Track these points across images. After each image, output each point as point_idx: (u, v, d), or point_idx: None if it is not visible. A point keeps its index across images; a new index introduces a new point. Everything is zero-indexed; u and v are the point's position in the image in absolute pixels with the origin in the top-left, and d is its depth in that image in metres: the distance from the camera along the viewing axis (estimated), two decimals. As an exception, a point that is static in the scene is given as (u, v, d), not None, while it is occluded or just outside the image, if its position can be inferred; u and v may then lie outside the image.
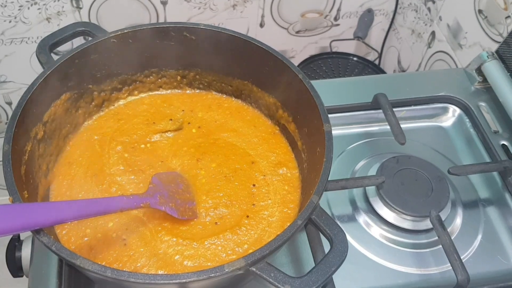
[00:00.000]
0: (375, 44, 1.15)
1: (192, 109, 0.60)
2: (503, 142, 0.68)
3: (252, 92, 0.59)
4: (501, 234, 0.59)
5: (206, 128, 0.58)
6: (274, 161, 0.55)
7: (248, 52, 0.54)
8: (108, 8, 0.94)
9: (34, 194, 0.47)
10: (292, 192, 0.53)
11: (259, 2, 1.01)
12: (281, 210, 0.51)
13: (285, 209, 0.51)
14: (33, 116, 0.48)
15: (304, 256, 0.56)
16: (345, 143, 0.67)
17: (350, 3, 1.07)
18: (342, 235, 0.42)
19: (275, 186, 0.53)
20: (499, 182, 0.65)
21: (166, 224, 0.48)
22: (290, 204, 0.52)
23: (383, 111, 0.65)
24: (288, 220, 0.50)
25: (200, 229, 0.49)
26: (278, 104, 0.57)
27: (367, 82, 0.76)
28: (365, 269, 0.56)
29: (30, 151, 0.47)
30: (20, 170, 0.45)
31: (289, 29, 1.10)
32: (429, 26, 0.95)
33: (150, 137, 0.56)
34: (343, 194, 0.61)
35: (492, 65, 0.71)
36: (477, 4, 0.78)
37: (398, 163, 0.61)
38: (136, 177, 0.52)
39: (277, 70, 0.53)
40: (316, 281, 0.39)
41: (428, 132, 0.71)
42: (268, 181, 0.53)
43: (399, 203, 0.57)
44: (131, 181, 0.52)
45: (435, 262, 0.56)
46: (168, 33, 0.55)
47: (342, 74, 1.05)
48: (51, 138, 0.51)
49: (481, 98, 0.73)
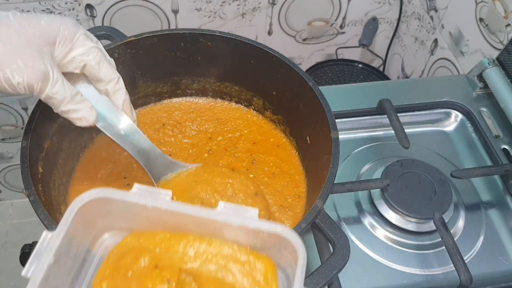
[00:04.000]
0: (380, 52, 1.16)
1: (202, 124, 0.60)
2: (504, 146, 0.69)
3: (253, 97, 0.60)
4: (502, 236, 0.60)
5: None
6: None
7: (259, 60, 0.55)
8: (121, 17, 0.96)
9: (49, 189, 0.47)
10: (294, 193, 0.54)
11: (267, 10, 1.02)
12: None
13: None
14: (52, 114, 0.48)
15: (310, 257, 0.56)
16: (350, 147, 0.68)
17: (355, 11, 1.08)
18: (345, 240, 0.43)
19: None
20: (500, 185, 0.65)
21: None
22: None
23: (387, 116, 0.66)
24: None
25: None
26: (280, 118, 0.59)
27: (372, 88, 0.77)
28: (370, 270, 0.56)
29: (48, 148, 0.48)
30: (38, 166, 0.46)
31: (296, 37, 1.11)
32: (431, 34, 0.95)
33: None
34: (349, 196, 0.62)
35: (493, 71, 0.72)
36: (478, 13, 0.79)
37: (402, 167, 0.61)
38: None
39: (288, 78, 0.54)
40: (317, 284, 0.40)
41: (431, 136, 0.71)
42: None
43: (403, 205, 0.58)
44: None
45: (439, 263, 0.57)
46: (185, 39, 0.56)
47: (348, 80, 1.06)
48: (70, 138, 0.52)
49: (482, 103, 0.73)
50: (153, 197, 0.38)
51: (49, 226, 0.40)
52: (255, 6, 1.01)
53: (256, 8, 1.01)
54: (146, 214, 0.39)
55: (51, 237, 0.35)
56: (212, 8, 0.99)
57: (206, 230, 0.40)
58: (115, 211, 0.39)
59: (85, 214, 0.37)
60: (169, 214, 0.39)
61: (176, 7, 0.97)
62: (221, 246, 0.40)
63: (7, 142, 1.20)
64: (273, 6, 1.02)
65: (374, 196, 0.61)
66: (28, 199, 0.42)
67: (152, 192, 0.39)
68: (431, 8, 0.95)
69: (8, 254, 1.31)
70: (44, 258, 0.34)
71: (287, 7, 1.03)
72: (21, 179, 0.42)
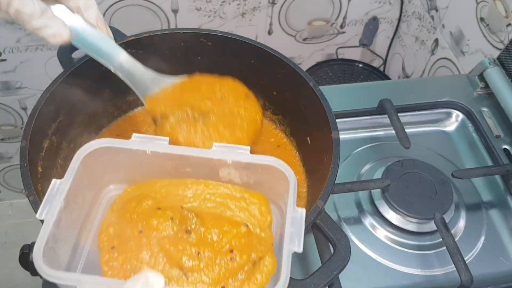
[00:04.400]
0: (380, 51, 1.16)
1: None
2: (505, 146, 0.68)
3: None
4: (503, 236, 0.60)
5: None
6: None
7: (259, 60, 0.55)
8: (120, 16, 0.96)
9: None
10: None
11: (267, 10, 1.02)
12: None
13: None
14: (51, 114, 0.49)
15: (311, 257, 0.56)
16: (351, 147, 0.68)
17: (356, 11, 1.08)
18: (346, 240, 0.43)
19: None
20: (501, 185, 0.65)
21: None
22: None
23: (388, 116, 0.66)
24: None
25: None
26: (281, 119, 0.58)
27: (373, 88, 0.77)
28: (371, 270, 0.56)
29: (47, 147, 0.48)
30: (37, 166, 0.46)
31: (296, 36, 1.11)
32: (432, 33, 0.96)
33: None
34: (349, 196, 0.62)
35: (493, 71, 0.72)
36: (479, 12, 0.79)
37: (403, 167, 0.61)
38: None
39: (288, 77, 0.54)
40: (318, 285, 0.40)
41: (432, 136, 0.71)
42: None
43: (404, 205, 0.58)
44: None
45: (439, 263, 0.57)
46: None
47: (348, 80, 1.06)
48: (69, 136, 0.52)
49: (483, 103, 0.73)
50: (152, 143, 0.41)
51: (49, 226, 0.40)
52: (255, 6, 1.01)
53: (256, 7, 1.01)
54: (146, 161, 0.42)
55: (60, 183, 0.38)
56: (212, 8, 0.99)
57: (202, 172, 0.43)
58: (117, 162, 0.42)
59: (89, 165, 0.40)
60: (168, 157, 0.41)
61: (176, 6, 0.97)
62: (217, 186, 0.43)
63: (6, 142, 1.20)
64: (273, 5, 1.02)
65: (375, 196, 0.61)
66: (28, 199, 0.42)
67: (150, 139, 0.41)
68: (431, 7, 0.95)
69: (7, 254, 1.31)
70: (55, 202, 0.37)
71: (287, 7, 1.03)
72: (21, 179, 0.42)
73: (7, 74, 1.01)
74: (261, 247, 0.39)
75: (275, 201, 0.44)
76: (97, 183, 0.44)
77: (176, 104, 0.48)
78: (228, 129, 0.47)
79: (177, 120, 0.47)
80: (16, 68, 1.00)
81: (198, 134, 0.46)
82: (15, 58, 0.98)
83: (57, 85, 0.49)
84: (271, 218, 0.42)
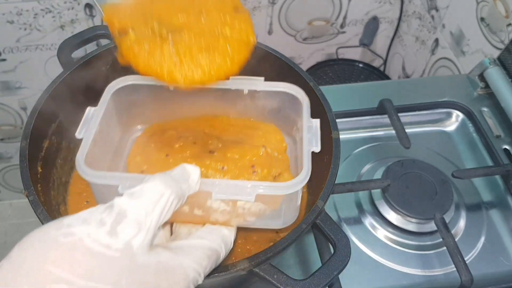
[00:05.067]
0: (380, 51, 1.17)
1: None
2: (505, 147, 0.69)
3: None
4: (503, 236, 0.60)
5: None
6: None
7: (259, 59, 0.55)
8: (120, 17, 0.96)
9: (48, 189, 0.47)
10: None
11: (267, 10, 1.02)
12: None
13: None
14: (51, 114, 0.49)
15: (311, 258, 0.56)
16: (351, 147, 0.68)
17: (356, 11, 1.08)
18: (346, 241, 0.42)
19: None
20: (501, 185, 0.65)
21: None
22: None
23: (388, 116, 0.66)
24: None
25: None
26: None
27: (373, 88, 0.77)
28: (371, 270, 0.56)
29: (47, 147, 0.48)
30: (37, 166, 0.46)
31: (296, 36, 1.11)
32: (432, 33, 0.96)
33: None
34: (349, 197, 0.62)
35: (494, 71, 0.72)
36: (479, 12, 0.79)
37: (403, 167, 0.61)
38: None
39: (288, 77, 0.54)
40: (318, 285, 0.40)
41: (432, 136, 0.71)
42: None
43: (404, 206, 0.58)
44: None
45: (439, 263, 0.57)
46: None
47: (348, 80, 1.06)
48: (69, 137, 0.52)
49: (483, 103, 0.73)
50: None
51: (48, 226, 0.40)
52: (255, 6, 1.01)
53: (256, 7, 1.01)
54: (169, 99, 0.44)
55: (94, 110, 0.41)
56: (212, 8, 0.99)
57: (220, 106, 0.46)
58: (142, 101, 0.45)
59: (118, 102, 0.44)
60: (187, 93, 0.42)
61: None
62: (235, 120, 0.46)
63: (6, 142, 1.20)
64: (273, 5, 1.01)
65: (375, 196, 0.61)
66: (27, 199, 0.41)
67: None
68: (432, 7, 0.95)
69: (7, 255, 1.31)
70: (92, 124, 0.40)
71: (287, 7, 1.03)
72: (20, 179, 0.42)
73: (7, 74, 1.01)
74: (279, 166, 0.42)
75: (288, 132, 0.47)
76: (124, 122, 0.47)
77: (140, 16, 0.38)
78: (206, 53, 0.36)
79: (138, 37, 0.37)
80: (15, 68, 1.00)
81: (165, 57, 0.36)
82: (15, 58, 0.98)
83: (57, 85, 0.49)
84: (285, 144, 0.45)
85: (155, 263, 0.28)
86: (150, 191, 0.29)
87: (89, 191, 0.51)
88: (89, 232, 0.26)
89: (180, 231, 0.37)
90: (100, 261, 0.25)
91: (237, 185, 0.36)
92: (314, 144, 0.40)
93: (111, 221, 0.27)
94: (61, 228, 0.26)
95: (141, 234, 0.27)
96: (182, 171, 0.33)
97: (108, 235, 0.26)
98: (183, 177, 0.33)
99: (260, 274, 0.40)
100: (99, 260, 0.25)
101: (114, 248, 0.26)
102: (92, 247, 0.26)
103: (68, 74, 0.50)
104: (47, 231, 0.26)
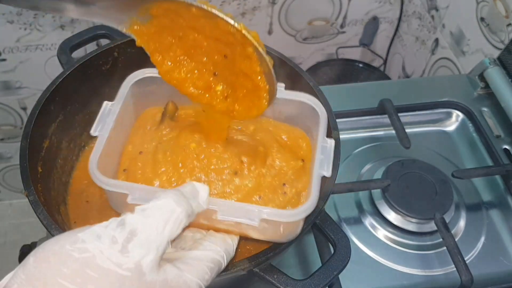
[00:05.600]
0: (380, 51, 1.16)
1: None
2: (505, 146, 0.69)
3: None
4: (503, 236, 0.60)
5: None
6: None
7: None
8: (120, 17, 0.96)
9: (48, 189, 0.47)
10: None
11: (267, 10, 1.02)
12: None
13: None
14: (51, 114, 0.49)
15: (311, 258, 0.56)
16: (351, 147, 0.68)
17: (356, 11, 1.08)
18: (346, 240, 0.43)
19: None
20: (501, 185, 0.65)
21: None
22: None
23: (388, 116, 0.66)
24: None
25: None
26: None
27: (373, 88, 0.77)
28: (371, 271, 0.56)
29: (47, 147, 0.48)
30: (37, 166, 0.46)
31: (296, 36, 1.11)
32: (432, 33, 0.96)
33: None
34: (349, 197, 0.62)
35: (494, 71, 0.72)
36: (479, 12, 0.79)
37: (403, 167, 0.61)
38: None
39: (288, 77, 0.54)
40: (318, 285, 0.40)
41: (432, 136, 0.71)
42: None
43: (404, 205, 0.58)
44: None
45: (440, 263, 0.57)
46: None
47: (348, 80, 1.06)
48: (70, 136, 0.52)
49: (483, 103, 0.73)
50: None
51: (49, 226, 0.40)
52: (255, 6, 1.01)
53: (256, 7, 1.01)
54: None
55: (111, 105, 0.42)
56: (212, 8, 0.99)
57: None
58: (159, 91, 0.45)
59: (135, 92, 0.44)
60: None
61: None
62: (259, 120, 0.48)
63: (6, 142, 1.20)
64: (273, 5, 1.01)
65: (375, 196, 0.61)
66: (27, 199, 0.42)
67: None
68: (432, 7, 0.95)
69: (7, 255, 1.31)
70: (108, 121, 0.41)
71: (287, 7, 1.03)
72: (20, 179, 0.42)
73: (7, 74, 1.01)
74: (307, 181, 0.43)
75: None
76: (139, 110, 0.48)
77: (170, 38, 0.38)
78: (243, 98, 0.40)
79: (174, 66, 0.40)
80: (15, 68, 1.00)
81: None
82: (15, 58, 0.98)
83: (57, 85, 0.49)
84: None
85: (161, 281, 0.29)
86: (161, 209, 0.30)
87: (89, 191, 0.51)
88: (102, 250, 0.27)
89: (184, 234, 0.38)
90: (111, 279, 0.27)
91: (243, 208, 0.37)
92: (325, 169, 0.40)
93: (123, 240, 0.28)
94: (75, 243, 0.28)
95: (151, 254, 0.28)
96: (191, 188, 0.34)
97: (120, 254, 0.28)
98: (193, 194, 0.34)
99: (260, 274, 0.40)
100: (110, 278, 0.27)
101: (125, 267, 0.27)
102: (104, 265, 0.27)
103: (68, 74, 0.50)
104: (62, 244, 0.28)
